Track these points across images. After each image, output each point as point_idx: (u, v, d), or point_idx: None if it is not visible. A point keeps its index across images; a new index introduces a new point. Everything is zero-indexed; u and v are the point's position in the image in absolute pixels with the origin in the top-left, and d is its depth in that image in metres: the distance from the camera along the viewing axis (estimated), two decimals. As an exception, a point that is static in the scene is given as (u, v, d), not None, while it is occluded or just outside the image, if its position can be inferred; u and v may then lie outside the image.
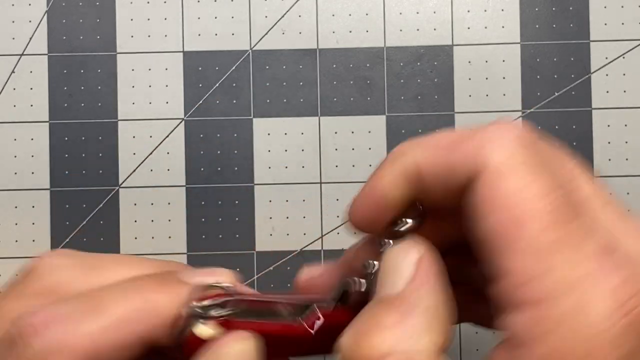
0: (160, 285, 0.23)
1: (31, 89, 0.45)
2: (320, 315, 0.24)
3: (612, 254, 0.19)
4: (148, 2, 0.45)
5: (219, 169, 0.45)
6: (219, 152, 0.45)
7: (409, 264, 0.21)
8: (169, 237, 0.44)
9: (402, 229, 0.23)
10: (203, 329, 0.22)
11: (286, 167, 0.45)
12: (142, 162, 0.45)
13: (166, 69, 0.45)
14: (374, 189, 0.22)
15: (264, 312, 0.24)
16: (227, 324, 0.22)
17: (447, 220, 0.23)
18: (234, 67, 0.45)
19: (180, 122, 0.45)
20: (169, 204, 0.44)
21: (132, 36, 0.45)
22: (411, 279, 0.21)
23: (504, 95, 0.45)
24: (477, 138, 0.21)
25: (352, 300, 0.24)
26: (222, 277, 0.24)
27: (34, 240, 0.44)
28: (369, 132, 0.44)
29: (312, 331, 0.24)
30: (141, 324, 0.22)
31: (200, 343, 0.22)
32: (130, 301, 0.22)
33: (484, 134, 0.21)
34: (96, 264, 0.24)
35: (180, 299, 0.22)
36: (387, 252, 0.23)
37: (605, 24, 0.44)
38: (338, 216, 0.44)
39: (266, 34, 0.45)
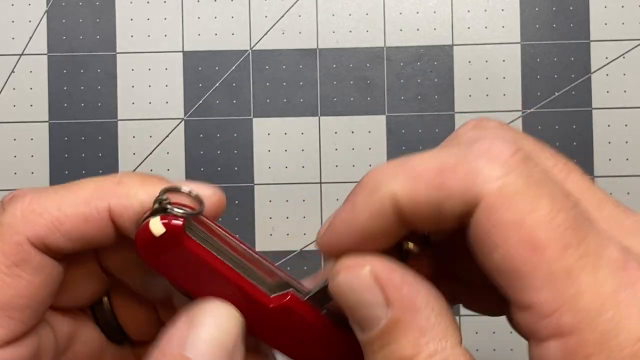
0: (140, 177, 0.23)
1: (31, 88, 0.45)
2: (289, 297, 0.22)
3: (629, 260, 0.18)
4: (148, 2, 0.45)
5: (219, 169, 0.45)
6: (219, 152, 0.45)
7: (370, 288, 0.20)
8: (169, 237, 0.44)
9: (407, 257, 0.21)
10: (156, 224, 0.21)
11: (286, 167, 0.45)
12: (142, 162, 0.45)
13: (166, 69, 0.45)
14: (348, 224, 0.21)
15: (231, 257, 0.23)
16: (184, 239, 0.22)
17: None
18: (234, 67, 0.45)
19: (180, 122, 0.45)
20: (169, 204, 0.44)
21: (132, 36, 0.45)
22: (388, 300, 0.19)
23: (504, 95, 0.45)
24: (464, 168, 0.19)
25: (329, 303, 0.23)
26: (209, 192, 0.24)
27: (34, 240, 0.44)
28: (369, 132, 0.44)
29: (270, 304, 0.22)
30: (107, 200, 0.23)
31: (150, 239, 0.21)
32: (102, 181, 0.23)
33: (471, 162, 0.19)
34: None
35: (154, 192, 0.23)
36: (331, 284, 0.20)
37: (605, 24, 0.44)
38: (338, 216, 0.44)
39: (266, 34, 0.45)
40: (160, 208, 0.22)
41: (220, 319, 0.22)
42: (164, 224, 0.22)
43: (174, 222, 0.22)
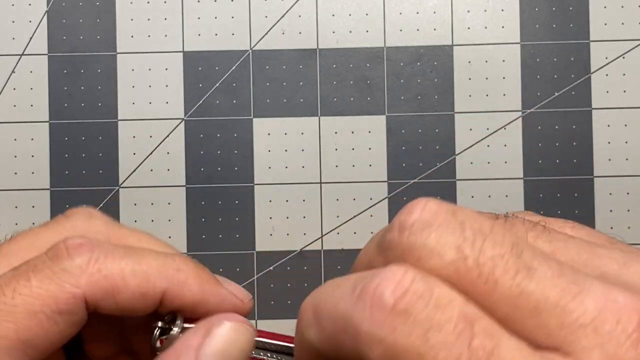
0: (195, 269, 0.25)
1: (31, 89, 0.45)
2: None
3: None
4: (148, 2, 0.45)
5: (219, 169, 0.45)
6: (219, 152, 0.45)
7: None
8: (169, 237, 0.44)
9: None
10: (158, 346, 0.25)
11: (286, 167, 0.45)
12: (142, 162, 0.45)
13: (166, 69, 0.45)
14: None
15: None
16: None
17: None
18: (234, 67, 0.45)
19: (180, 122, 0.45)
20: (169, 204, 0.44)
21: (132, 36, 0.45)
22: None
23: (504, 95, 0.45)
24: (352, 329, 0.19)
25: None
26: (243, 297, 0.26)
27: (34, 240, 0.44)
28: (369, 132, 0.44)
29: None
30: (166, 283, 0.24)
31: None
32: (164, 262, 0.25)
33: (356, 322, 0.19)
34: (122, 228, 0.27)
35: (205, 287, 0.25)
36: None
37: (605, 24, 0.44)
38: (338, 216, 0.44)
39: (266, 34, 0.45)
40: (161, 329, 0.25)
41: (233, 333, 0.24)
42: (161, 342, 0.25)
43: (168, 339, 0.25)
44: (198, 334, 0.23)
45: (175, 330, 0.25)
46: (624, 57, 0.44)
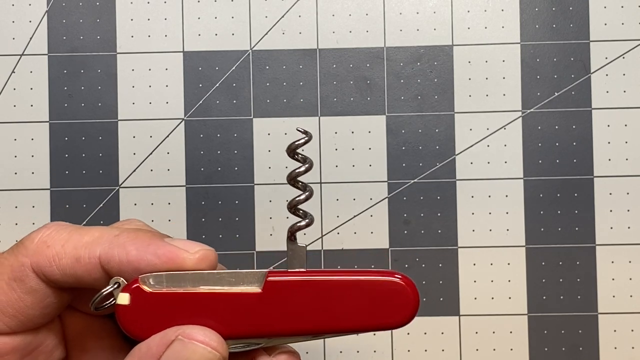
0: (135, 234, 0.28)
1: (31, 89, 0.45)
2: (270, 274, 0.29)
3: None
4: (148, 2, 0.45)
5: (219, 169, 0.45)
6: (219, 152, 0.45)
7: None
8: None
9: None
10: (122, 297, 0.27)
11: (286, 167, 0.45)
12: (142, 162, 0.45)
13: (166, 69, 0.45)
14: None
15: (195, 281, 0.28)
16: (146, 292, 0.27)
17: None
18: (234, 67, 0.45)
19: (180, 122, 0.45)
20: (169, 204, 0.44)
21: (132, 36, 0.45)
22: None
23: (504, 95, 0.45)
24: None
25: None
26: (197, 252, 0.29)
27: (34, 240, 0.44)
28: (369, 132, 0.44)
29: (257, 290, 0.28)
30: (100, 247, 0.27)
31: (124, 308, 0.27)
32: (106, 231, 0.28)
33: None
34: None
35: (143, 249, 0.27)
36: None
37: (605, 24, 0.44)
38: (338, 216, 0.44)
39: (266, 34, 0.45)
40: (116, 286, 0.27)
41: (189, 353, 0.26)
42: (127, 290, 0.26)
43: (133, 286, 0.27)
44: (162, 342, 0.26)
45: (109, 289, 0.27)
46: (624, 57, 0.44)
